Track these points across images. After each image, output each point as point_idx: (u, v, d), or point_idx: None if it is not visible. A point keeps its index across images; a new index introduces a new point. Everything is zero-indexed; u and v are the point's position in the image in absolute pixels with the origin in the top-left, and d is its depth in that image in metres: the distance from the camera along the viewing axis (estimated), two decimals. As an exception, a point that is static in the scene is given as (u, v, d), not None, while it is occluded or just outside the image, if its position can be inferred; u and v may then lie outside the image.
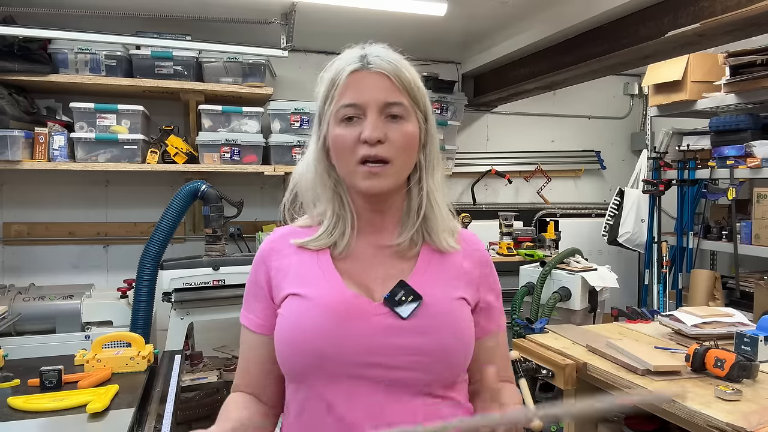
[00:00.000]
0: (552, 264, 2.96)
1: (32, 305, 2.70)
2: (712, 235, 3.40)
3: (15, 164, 2.76)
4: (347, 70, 0.90)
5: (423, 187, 0.95)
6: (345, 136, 0.89)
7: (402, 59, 0.94)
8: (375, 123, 0.88)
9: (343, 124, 0.90)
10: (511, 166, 4.23)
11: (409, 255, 0.95)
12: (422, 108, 0.94)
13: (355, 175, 0.90)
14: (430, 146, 0.96)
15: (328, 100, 0.94)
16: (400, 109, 0.90)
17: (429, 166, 0.96)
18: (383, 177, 0.89)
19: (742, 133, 3.10)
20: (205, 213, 2.80)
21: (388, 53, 0.93)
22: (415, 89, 0.92)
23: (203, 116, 3.11)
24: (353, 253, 0.95)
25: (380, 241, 0.96)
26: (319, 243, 0.95)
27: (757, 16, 2.01)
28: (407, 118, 0.91)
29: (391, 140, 0.89)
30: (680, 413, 1.42)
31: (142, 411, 1.58)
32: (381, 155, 0.88)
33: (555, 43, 3.05)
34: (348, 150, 0.89)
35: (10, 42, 2.76)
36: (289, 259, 0.96)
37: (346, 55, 0.94)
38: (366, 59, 0.90)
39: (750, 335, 1.69)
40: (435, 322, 0.88)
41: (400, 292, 0.89)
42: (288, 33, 2.98)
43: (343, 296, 0.89)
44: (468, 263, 0.98)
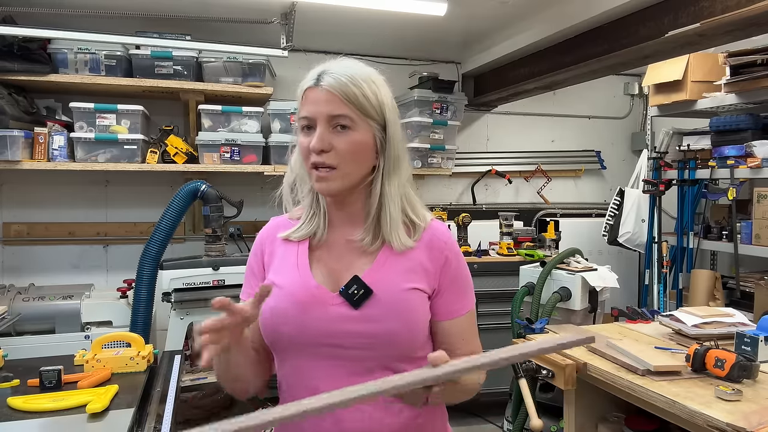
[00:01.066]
0: (552, 264, 2.96)
1: (32, 305, 2.70)
2: (713, 235, 3.40)
3: (15, 164, 2.75)
4: (304, 86, 1.04)
5: (376, 189, 1.06)
6: (302, 143, 1.04)
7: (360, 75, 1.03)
8: (321, 134, 1.00)
9: (303, 133, 1.04)
10: (511, 166, 4.23)
11: (371, 250, 1.07)
12: (377, 117, 1.04)
13: (311, 177, 1.05)
14: (389, 152, 1.06)
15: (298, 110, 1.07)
16: (346, 120, 1.01)
17: (387, 169, 1.07)
18: (330, 180, 1.02)
19: (743, 133, 3.10)
20: (205, 213, 2.80)
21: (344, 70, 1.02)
22: (363, 102, 1.02)
23: (203, 116, 3.11)
24: (327, 243, 1.10)
25: (349, 235, 1.09)
26: (299, 234, 1.11)
27: (757, 16, 2.01)
28: (354, 128, 1.02)
29: (337, 149, 1.01)
30: (680, 413, 1.42)
31: (142, 411, 1.58)
32: (326, 162, 1.01)
33: (555, 43, 3.05)
34: (304, 155, 1.04)
35: (9, 42, 2.76)
36: (278, 248, 1.12)
37: (312, 71, 1.05)
38: (321, 77, 1.02)
39: (750, 335, 1.69)
40: (382, 311, 1.02)
41: (353, 285, 1.03)
42: (288, 33, 2.98)
43: (307, 287, 1.05)
44: (426, 255, 1.08)
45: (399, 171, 1.08)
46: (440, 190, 4.15)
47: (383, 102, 1.05)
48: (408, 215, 1.09)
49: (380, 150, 1.06)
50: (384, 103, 1.06)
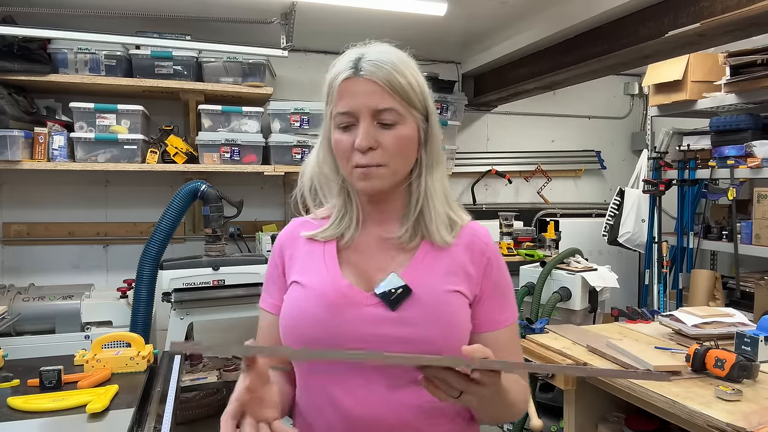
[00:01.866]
0: (552, 264, 2.96)
1: (32, 305, 2.70)
2: (713, 235, 3.40)
3: (15, 164, 2.75)
4: (340, 77, 0.93)
5: (421, 184, 0.98)
6: (342, 141, 0.93)
7: (399, 60, 0.94)
8: (366, 131, 0.91)
9: (340, 129, 0.94)
10: (511, 166, 4.23)
11: (409, 248, 0.99)
12: (420, 108, 0.96)
13: (352, 176, 0.95)
14: (431, 144, 0.98)
15: (328, 104, 0.97)
16: (392, 114, 0.92)
17: (429, 164, 0.99)
18: (376, 178, 0.93)
19: (743, 133, 3.10)
20: (205, 213, 2.80)
21: (383, 56, 0.93)
22: (409, 91, 0.93)
23: (203, 116, 3.11)
24: (358, 244, 1.00)
25: (383, 233, 1.00)
26: (327, 234, 1.01)
27: (757, 16, 2.01)
28: (401, 122, 0.93)
29: (383, 145, 0.92)
30: (680, 413, 1.42)
31: (142, 411, 1.58)
32: (372, 162, 0.92)
33: (555, 43, 3.05)
34: (344, 155, 0.94)
35: (9, 42, 2.76)
36: (301, 248, 1.03)
37: (343, 58, 0.95)
38: (359, 64, 0.92)
39: (750, 335, 1.69)
40: (422, 314, 0.91)
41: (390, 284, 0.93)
42: (288, 33, 2.98)
43: (338, 286, 0.95)
44: (467, 257, 0.99)
45: (440, 164, 1.01)
46: (440, 190, 4.14)
47: (425, 90, 0.97)
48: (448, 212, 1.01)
49: (423, 142, 0.98)
50: (425, 91, 0.97)
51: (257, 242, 3.43)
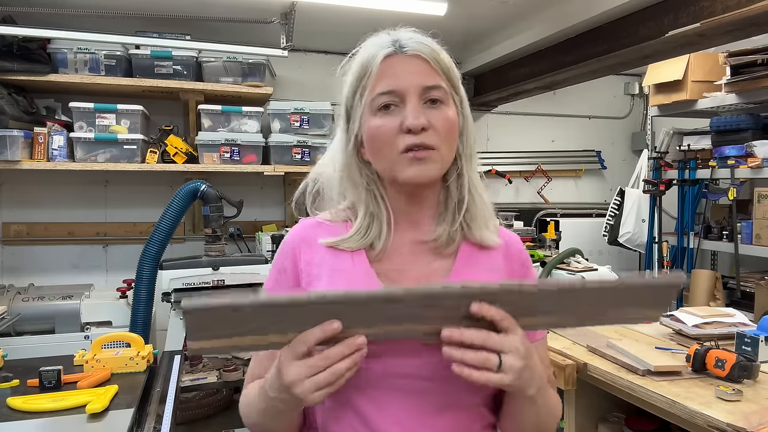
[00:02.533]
0: (552, 264, 2.96)
1: (32, 305, 2.70)
2: (713, 235, 3.39)
3: (14, 164, 2.75)
4: (380, 55, 0.84)
5: (464, 176, 0.90)
6: (384, 126, 0.84)
7: (434, 42, 0.89)
8: (417, 109, 0.82)
9: (380, 113, 0.84)
10: (511, 166, 4.22)
11: (447, 252, 0.90)
12: (459, 93, 0.90)
13: (399, 164, 0.84)
14: (467, 133, 0.91)
15: (358, 91, 0.87)
16: (440, 92, 0.85)
17: (467, 155, 0.91)
18: (430, 163, 0.84)
19: (743, 132, 3.10)
20: (205, 213, 2.79)
21: (421, 36, 0.88)
22: (452, 72, 0.88)
23: (203, 116, 3.11)
24: (389, 252, 0.90)
25: (417, 236, 0.91)
26: (352, 244, 0.89)
27: (757, 16, 2.01)
28: (447, 102, 0.86)
29: (434, 126, 0.83)
30: (681, 413, 1.41)
31: (142, 411, 1.58)
32: (426, 143, 0.82)
33: (555, 43, 3.05)
34: (388, 141, 0.84)
35: (9, 42, 2.76)
36: (321, 255, 0.90)
37: (375, 41, 0.88)
38: (399, 43, 0.85)
39: (751, 335, 1.69)
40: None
41: None
42: (288, 33, 2.98)
43: None
44: (506, 265, 0.93)
45: (474, 155, 0.92)
46: (440, 190, 4.14)
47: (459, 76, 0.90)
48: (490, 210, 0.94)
49: (461, 131, 0.90)
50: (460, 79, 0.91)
51: (257, 242, 3.43)
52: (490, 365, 0.73)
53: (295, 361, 0.73)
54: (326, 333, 0.72)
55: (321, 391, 0.73)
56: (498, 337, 0.73)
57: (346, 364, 0.72)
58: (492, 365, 0.73)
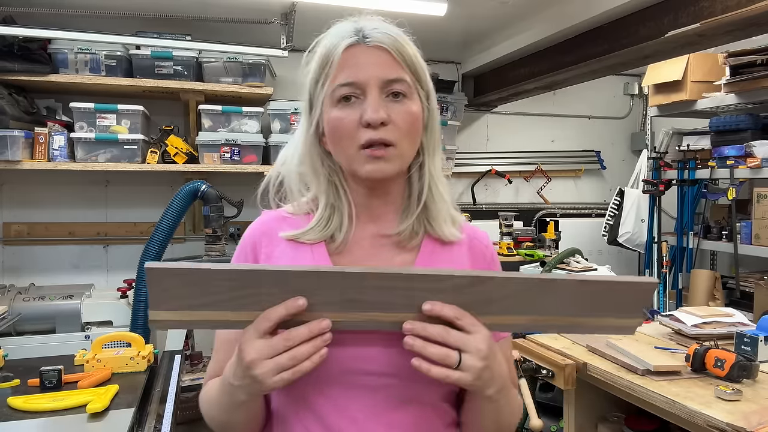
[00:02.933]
0: (552, 264, 2.96)
1: (32, 305, 2.70)
2: (712, 235, 3.40)
3: (15, 164, 2.75)
4: (341, 45, 0.82)
5: (425, 172, 0.89)
6: (343, 119, 0.81)
7: (400, 32, 0.87)
8: (377, 103, 0.80)
9: (340, 105, 0.82)
10: (511, 166, 4.23)
11: (410, 246, 0.89)
12: (425, 86, 0.87)
13: (357, 160, 0.82)
14: (432, 127, 0.89)
15: (320, 80, 0.85)
16: (403, 86, 0.82)
17: (430, 149, 0.89)
18: (388, 161, 0.82)
19: (742, 133, 3.10)
20: (205, 213, 2.80)
21: (386, 25, 0.85)
22: (417, 65, 0.85)
23: (203, 116, 3.11)
24: (350, 245, 0.88)
25: (379, 230, 0.89)
26: (312, 236, 0.87)
27: (757, 16, 2.01)
28: (410, 96, 0.84)
29: (394, 121, 0.81)
30: (680, 413, 1.42)
31: (142, 411, 1.58)
32: (386, 138, 0.80)
33: (555, 43, 3.05)
34: (348, 134, 0.82)
35: (10, 42, 2.76)
36: (281, 249, 0.88)
37: (338, 29, 0.85)
38: (362, 33, 0.83)
39: (750, 335, 1.69)
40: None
41: None
42: (288, 33, 2.98)
43: None
44: (469, 260, 0.92)
45: (438, 150, 0.91)
46: (440, 190, 4.14)
47: (427, 70, 0.88)
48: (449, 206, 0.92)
49: (425, 125, 0.88)
50: (427, 71, 0.88)
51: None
52: (449, 362, 0.72)
53: (257, 340, 0.71)
54: (290, 310, 0.70)
55: (282, 374, 0.71)
56: (458, 335, 0.72)
57: (308, 348, 0.71)
58: (451, 362, 0.72)
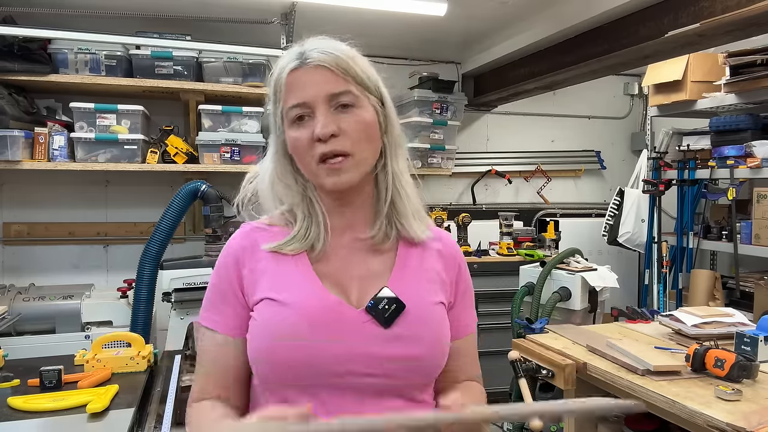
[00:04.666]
0: (552, 264, 2.96)
1: (32, 305, 2.70)
2: (712, 235, 3.40)
3: (15, 164, 2.75)
4: (286, 70, 0.89)
5: (388, 172, 0.94)
6: (299, 138, 0.87)
7: (343, 46, 0.91)
8: (325, 118, 0.85)
9: (296, 125, 0.88)
10: (511, 166, 4.23)
11: (385, 248, 0.94)
12: (375, 92, 0.92)
13: (318, 174, 0.88)
14: (391, 129, 0.94)
15: (277, 104, 0.92)
16: (349, 97, 0.87)
17: (392, 150, 0.94)
18: (346, 171, 0.87)
19: (742, 133, 3.10)
20: (205, 213, 2.80)
21: (326, 44, 0.90)
22: (361, 75, 0.89)
23: (203, 116, 3.11)
24: (329, 253, 0.92)
25: (354, 234, 0.94)
26: (293, 247, 0.91)
27: (757, 16, 2.01)
28: (359, 105, 0.88)
29: (345, 132, 0.86)
30: (680, 413, 1.42)
31: (142, 411, 1.58)
32: (338, 149, 0.86)
33: (555, 43, 3.05)
34: (305, 151, 0.87)
35: (10, 42, 2.76)
36: (264, 261, 0.92)
37: (286, 55, 0.92)
38: (303, 55, 0.88)
39: (750, 335, 1.69)
40: (415, 331, 0.88)
41: (383, 300, 0.87)
42: (288, 33, 2.98)
43: (325, 302, 0.87)
44: (441, 264, 0.97)
45: (403, 149, 0.97)
46: (440, 190, 4.14)
47: (375, 75, 0.93)
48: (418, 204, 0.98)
49: (383, 129, 0.93)
50: (376, 76, 0.94)
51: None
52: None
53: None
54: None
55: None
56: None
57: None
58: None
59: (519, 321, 2.74)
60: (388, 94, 0.95)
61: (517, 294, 3.02)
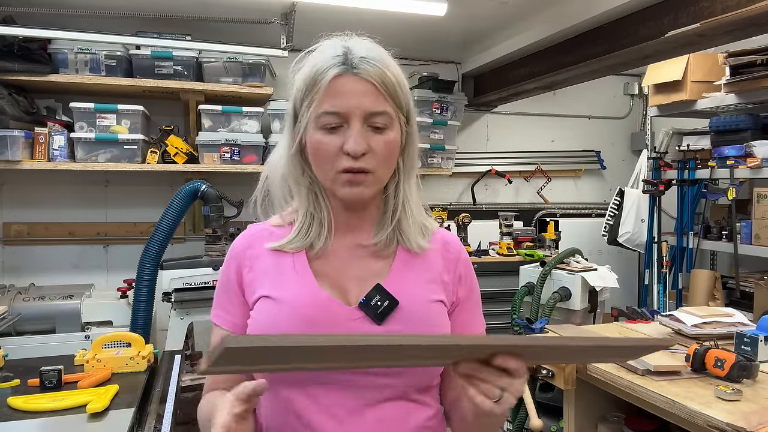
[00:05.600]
0: (552, 264, 2.96)
1: (32, 305, 2.70)
2: (712, 235, 3.40)
3: (15, 164, 2.75)
4: (330, 74, 0.85)
5: (399, 192, 0.94)
6: (326, 144, 0.86)
7: (386, 56, 0.89)
8: (359, 135, 0.84)
9: (324, 130, 0.86)
10: (511, 166, 4.23)
11: (385, 254, 0.94)
12: (405, 111, 0.91)
13: (336, 182, 0.87)
14: (410, 149, 0.94)
15: (306, 100, 0.88)
16: (385, 118, 0.86)
17: (407, 170, 0.95)
18: (365, 186, 0.87)
19: (742, 133, 3.10)
20: (205, 213, 2.80)
21: (372, 52, 0.88)
22: (399, 93, 0.89)
23: (203, 116, 3.11)
24: (329, 252, 0.93)
25: (356, 240, 0.94)
26: (294, 245, 0.92)
27: (757, 16, 2.01)
28: (390, 126, 0.88)
29: (374, 151, 0.86)
30: (680, 413, 1.42)
31: (142, 411, 1.58)
32: (364, 167, 0.85)
33: (555, 43, 3.05)
34: (329, 158, 0.86)
35: (10, 42, 2.76)
36: (265, 261, 0.93)
37: (327, 51, 0.88)
38: (350, 62, 0.85)
39: (750, 335, 1.69)
40: (410, 328, 0.87)
41: (375, 296, 0.87)
42: (288, 33, 2.98)
43: (317, 299, 0.87)
44: (442, 264, 0.96)
45: (414, 168, 0.97)
46: (440, 190, 4.15)
47: (409, 94, 0.92)
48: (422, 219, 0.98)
49: (402, 148, 0.93)
50: (409, 95, 0.92)
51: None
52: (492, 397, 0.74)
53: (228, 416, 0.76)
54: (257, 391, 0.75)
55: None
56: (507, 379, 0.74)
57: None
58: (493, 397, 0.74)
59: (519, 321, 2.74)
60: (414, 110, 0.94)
61: (517, 294, 3.02)
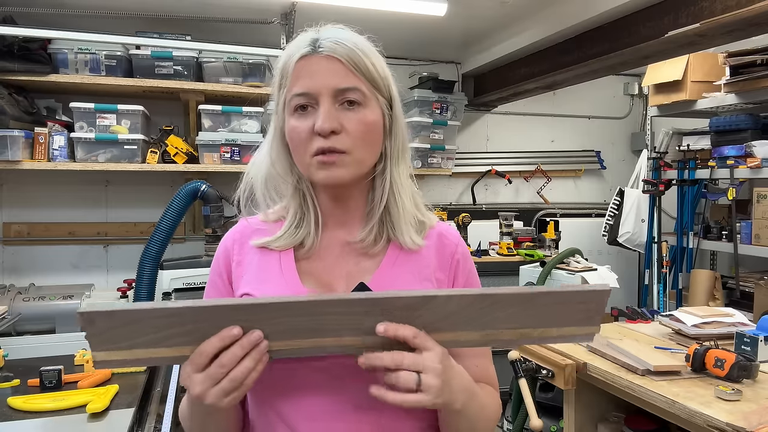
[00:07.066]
0: (552, 264, 2.96)
1: (32, 305, 2.70)
2: (712, 235, 3.40)
3: (15, 164, 2.75)
4: (296, 56, 0.84)
5: (386, 177, 0.90)
6: (299, 127, 0.84)
7: (361, 41, 0.88)
8: (328, 112, 0.81)
9: (297, 114, 0.84)
10: (511, 166, 4.23)
11: (375, 252, 0.90)
12: (385, 93, 0.88)
13: (310, 167, 0.84)
14: (396, 134, 0.90)
15: (280, 89, 0.88)
16: (357, 94, 0.83)
17: (394, 156, 0.90)
18: (339, 167, 0.83)
19: (742, 133, 3.10)
20: (205, 213, 2.80)
21: (343, 34, 0.87)
22: (374, 73, 0.86)
23: (203, 116, 3.11)
24: (318, 251, 0.90)
25: (345, 237, 0.91)
26: (282, 243, 0.90)
27: (757, 16, 2.01)
28: (366, 104, 0.84)
29: (347, 130, 0.83)
30: (680, 413, 1.42)
31: (142, 411, 1.58)
32: (336, 147, 0.82)
33: (555, 43, 3.05)
34: (302, 142, 0.84)
35: (10, 42, 2.76)
36: (251, 256, 0.91)
37: (299, 39, 0.88)
38: (317, 43, 0.84)
39: (750, 335, 1.69)
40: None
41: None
42: (288, 33, 2.98)
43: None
44: (437, 261, 0.92)
45: (405, 156, 0.92)
46: (440, 190, 4.15)
47: (389, 74, 0.90)
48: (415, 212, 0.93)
49: (387, 132, 0.89)
50: (389, 75, 0.90)
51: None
52: (409, 385, 0.71)
53: (197, 374, 0.71)
54: (224, 341, 0.69)
55: (230, 396, 0.71)
56: (413, 357, 0.71)
57: (247, 364, 0.70)
58: (411, 385, 0.71)
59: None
60: (399, 97, 0.91)
61: (517, 294, 3.02)
